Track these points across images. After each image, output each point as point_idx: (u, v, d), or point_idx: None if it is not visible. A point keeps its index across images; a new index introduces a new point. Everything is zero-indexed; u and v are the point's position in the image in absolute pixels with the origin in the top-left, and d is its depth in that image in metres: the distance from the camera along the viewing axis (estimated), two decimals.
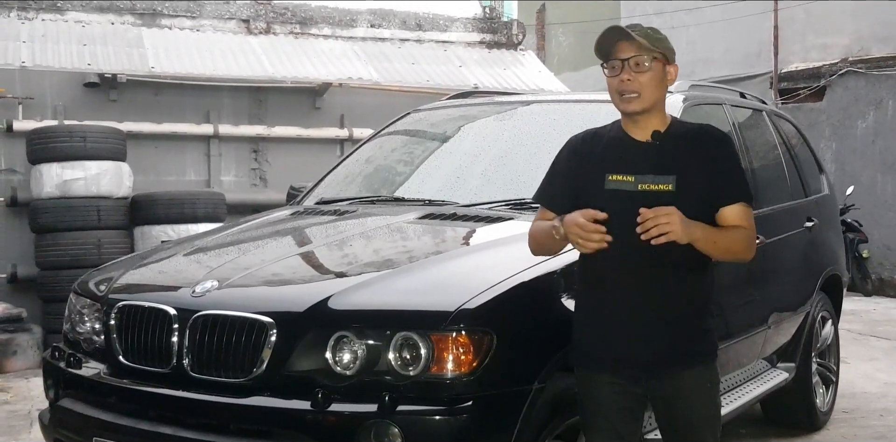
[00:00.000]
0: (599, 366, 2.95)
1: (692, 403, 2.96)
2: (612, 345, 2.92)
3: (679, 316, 2.90)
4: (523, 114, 4.89)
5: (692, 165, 2.88)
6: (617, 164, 2.88)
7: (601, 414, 2.97)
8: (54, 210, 7.86)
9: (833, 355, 5.87)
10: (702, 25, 15.57)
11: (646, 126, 2.92)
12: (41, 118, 8.78)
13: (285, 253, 3.80)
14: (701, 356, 2.97)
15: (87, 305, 3.74)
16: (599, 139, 3.00)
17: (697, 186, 2.86)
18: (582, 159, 2.97)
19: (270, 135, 9.67)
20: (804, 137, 6.06)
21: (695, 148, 2.92)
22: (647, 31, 2.89)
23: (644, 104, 2.87)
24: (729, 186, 2.92)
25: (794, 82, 14.18)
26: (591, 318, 2.97)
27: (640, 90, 2.85)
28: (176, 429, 3.15)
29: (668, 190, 2.83)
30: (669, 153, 2.89)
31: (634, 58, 2.85)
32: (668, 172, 2.85)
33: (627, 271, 2.87)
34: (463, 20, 11.33)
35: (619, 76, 2.86)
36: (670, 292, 2.89)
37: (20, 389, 6.74)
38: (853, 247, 11.91)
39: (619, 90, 2.87)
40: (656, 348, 2.89)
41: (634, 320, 2.88)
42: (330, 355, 3.01)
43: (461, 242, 3.79)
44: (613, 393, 2.94)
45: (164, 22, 10.04)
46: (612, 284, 2.91)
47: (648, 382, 2.93)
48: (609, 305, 2.92)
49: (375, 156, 5.01)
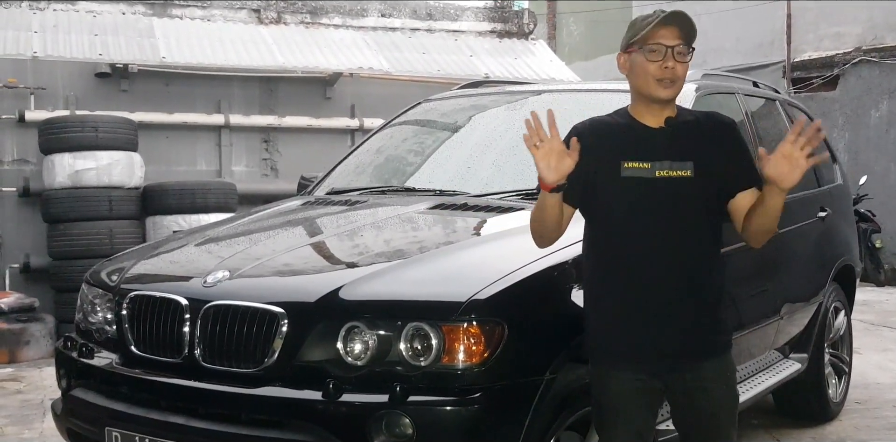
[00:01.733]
0: (619, 362, 2.91)
1: (714, 394, 2.94)
2: (633, 339, 2.88)
3: (698, 304, 2.88)
4: (534, 103, 4.86)
5: (706, 152, 2.87)
6: (631, 151, 2.84)
7: (619, 411, 2.92)
8: (66, 200, 7.89)
9: (846, 346, 5.84)
10: (714, 14, 15.49)
11: (660, 113, 2.90)
12: (53, 108, 8.80)
13: (296, 243, 3.79)
14: (721, 345, 2.96)
15: (99, 295, 3.74)
16: (608, 127, 2.95)
17: (713, 172, 2.85)
18: (591, 147, 2.87)
19: (281, 125, 9.67)
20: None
21: (706, 134, 2.91)
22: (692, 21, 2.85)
23: (676, 92, 2.86)
24: (743, 172, 2.91)
25: (807, 71, 14.12)
26: (608, 311, 2.93)
27: (678, 78, 2.84)
28: (187, 419, 3.16)
29: (686, 176, 2.82)
30: (683, 139, 2.88)
31: (680, 46, 2.82)
32: (684, 158, 2.83)
33: (645, 260, 2.84)
34: (474, 9, 11.30)
35: (663, 62, 2.81)
36: (689, 280, 2.86)
37: (33, 379, 6.78)
38: (866, 237, 11.86)
39: (658, 76, 2.82)
40: (678, 339, 2.86)
41: (655, 311, 2.85)
42: (341, 346, 3.01)
43: (472, 233, 3.78)
44: (633, 389, 2.90)
45: (175, 12, 10.03)
46: (630, 275, 2.87)
47: (669, 376, 2.91)
48: (628, 296, 2.88)
49: (386, 146, 5.00)
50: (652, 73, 2.82)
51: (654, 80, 2.83)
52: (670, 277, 2.85)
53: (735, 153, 2.92)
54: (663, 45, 2.81)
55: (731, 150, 2.92)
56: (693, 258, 2.86)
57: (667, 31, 2.81)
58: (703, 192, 2.80)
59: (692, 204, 2.84)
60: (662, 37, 2.81)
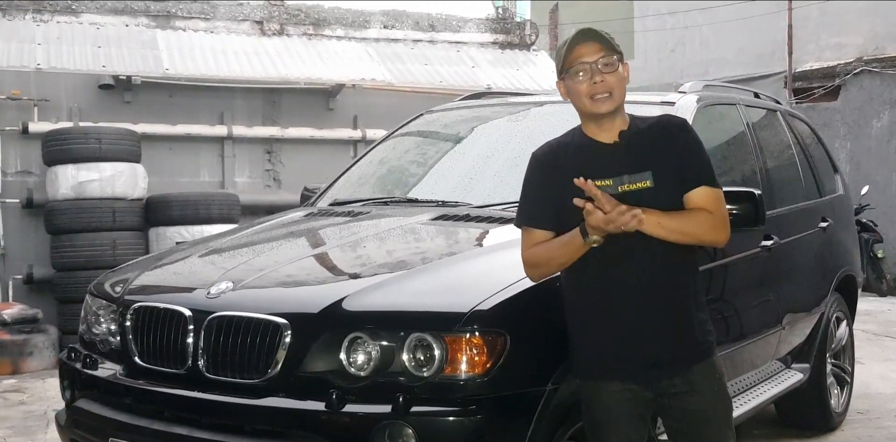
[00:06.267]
0: (608, 374, 2.94)
1: (705, 397, 2.96)
2: (620, 350, 2.90)
3: (680, 309, 2.91)
4: (536, 114, 4.88)
5: (662, 157, 2.89)
6: (591, 171, 2.82)
7: (612, 423, 2.95)
8: (70, 211, 7.91)
9: (848, 356, 5.84)
10: (715, 25, 15.54)
11: (610, 128, 2.92)
12: (56, 120, 8.83)
13: (299, 254, 3.81)
14: (706, 347, 2.98)
15: (102, 306, 3.76)
16: (565, 149, 2.98)
17: (671, 177, 2.86)
18: (553, 171, 2.93)
19: (284, 136, 9.69)
20: (818, 137, 6.04)
21: (659, 140, 2.92)
22: (603, 32, 2.89)
23: (616, 103, 2.87)
24: (691, 171, 2.90)
25: (809, 82, 14.15)
26: (592, 326, 2.95)
27: (612, 89, 2.85)
28: (191, 429, 3.17)
29: (647, 186, 2.83)
30: (638, 150, 2.89)
31: (602, 58, 2.85)
32: (642, 169, 2.84)
33: (623, 273, 2.87)
34: (476, 21, 11.34)
35: (591, 79, 2.84)
36: (668, 287, 2.89)
37: (36, 390, 6.78)
38: (868, 247, 11.86)
39: (590, 93, 2.85)
40: (661, 347, 2.88)
41: (639, 321, 2.87)
42: (344, 356, 3.02)
43: (475, 243, 3.79)
44: (624, 400, 2.93)
45: (179, 24, 10.08)
46: (610, 289, 2.89)
47: (660, 383, 2.92)
48: (610, 310, 2.90)
49: (389, 157, 5.02)
50: (585, 92, 2.86)
51: (588, 99, 2.86)
52: (645, 286, 2.87)
53: (685, 154, 2.92)
54: (586, 63, 2.85)
55: (682, 151, 2.92)
56: (666, 265, 2.88)
57: (585, 49, 2.86)
58: (666, 198, 2.83)
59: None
60: (582, 55, 2.86)
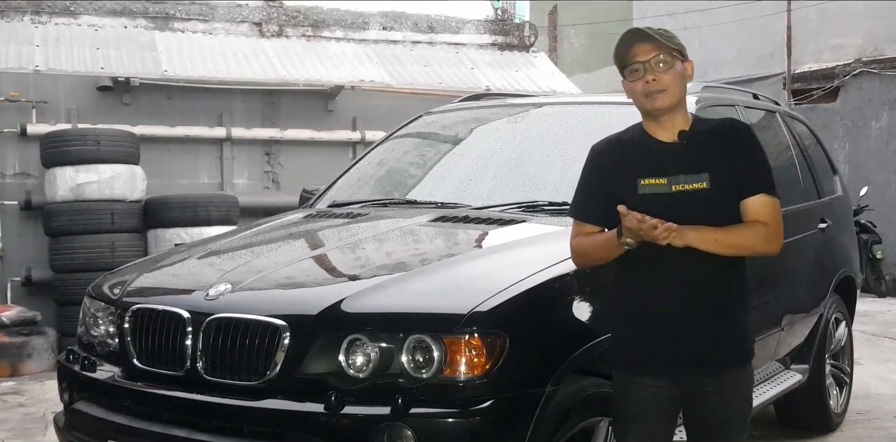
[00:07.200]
0: (640, 368, 2.95)
1: (729, 401, 2.97)
2: (656, 346, 2.91)
3: (723, 312, 2.91)
4: (536, 116, 4.88)
5: (720, 161, 2.89)
6: (647, 168, 2.86)
7: (638, 417, 2.96)
8: (68, 213, 7.90)
9: (847, 357, 5.85)
10: (714, 26, 15.55)
11: (671, 126, 2.92)
12: (55, 122, 8.82)
13: (298, 256, 3.80)
14: (743, 354, 2.98)
15: (101, 308, 3.75)
16: (624, 145, 3.00)
17: (728, 181, 2.87)
18: (609, 167, 2.97)
19: (283, 138, 9.69)
20: (817, 138, 6.04)
21: (720, 143, 2.92)
22: (659, 31, 2.90)
23: (671, 99, 2.88)
24: (750, 177, 2.91)
25: (808, 83, 14.16)
26: (632, 320, 2.96)
27: (666, 87, 2.86)
28: (190, 432, 3.16)
29: (703, 187, 2.84)
30: (697, 151, 2.89)
31: (655, 57, 2.86)
32: (699, 171, 2.85)
33: (668, 272, 2.87)
34: (475, 22, 11.35)
35: (644, 78, 2.86)
36: (713, 288, 2.89)
37: (35, 392, 6.78)
38: (867, 248, 11.87)
39: (644, 91, 2.87)
40: (702, 346, 2.88)
41: (679, 319, 2.88)
42: (343, 358, 3.01)
43: (474, 245, 3.79)
44: (652, 396, 2.94)
45: (177, 25, 10.08)
46: (654, 285, 2.91)
47: (690, 383, 2.93)
48: (652, 306, 2.91)
49: (388, 158, 5.01)
50: (639, 91, 2.89)
51: (643, 97, 2.89)
52: (690, 285, 2.88)
53: (746, 160, 2.92)
54: (639, 62, 2.87)
55: (742, 157, 2.92)
56: (714, 269, 2.88)
57: (640, 48, 2.87)
58: (720, 202, 2.84)
59: (711, 215, 2.85)
60: (637, 54, 2.88)
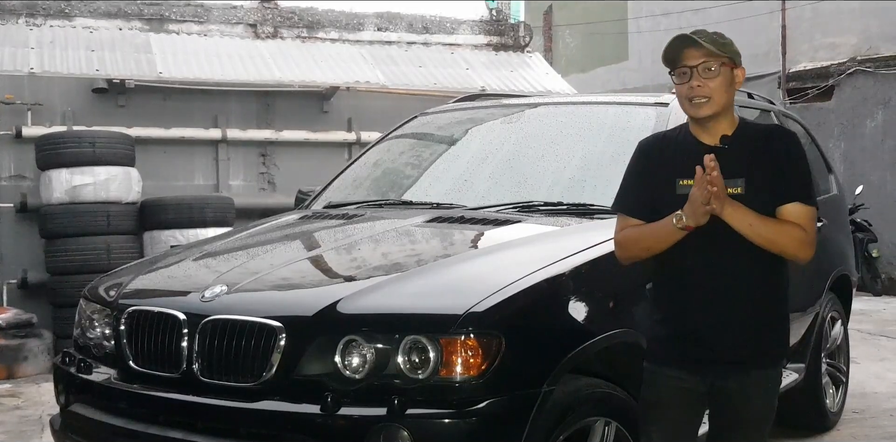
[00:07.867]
0: (666, 360, 2.98)
1: (754, 402, 2.97)
2: (686, 340, 2.93)
3: (758, 314, 2.92)
4: (531, 116, 4.89)
5: (760, 167, 2.89)
6: (686, 169, 2.85)
7: (660, 408, 3.00)
8: (64, 216, 7.89)
9: (843, 356, 5.85)
10: (709, 26, 15.54)
11: (715, 131, 2.93)
12: (50, 124, 8.81)
13: (294, 257, 3.80)
14: (773, 357, 3.00)
15: (97, 310, 3.75)
16: (668, 143, 3.03)
17: (765, 188, 2.87)
18: (652, 164, 3.00)
19: (278, 139, 9.69)
20: (812, 137, 6.05)
21: (761, 148, 2.93)
22: (712, 37, 2.89)
23: (714, 108, 2.88)
24: (786, 185, 2.90)
25: (803, 82, 14.17)
26: (668, 313, 2.99)
27: (711, 95, 2.86)
28: (186, 433, 3.16)
29: (737, 193, 2.84)
30: (737, 156, 2.89)
31: (703, 64, 2.86)
32: (736, 175, 2.85)
33: (704, 273, 2.89)
34: (470, 23, 11.35)
35: (689, 83, 2.87)
36: (751, 289, 2.90)
37: (31, 395, 6.76)
38: (863, 247, 11.89)
39: (688, 96, 2.88)
40: (731, 346, 2.90)
41: (713, 317, 2.89)
42: (339, 359, 3.01)
43: (469, 245, 3.79)
44: (675, 388, 2.97)
45: (172, 27, 10.08)
46: (692, 281, 2.92)
47: (716, 380, 2.94)
48: (688, 301, 2.93)
49: (383, 159, 5.02)
50: (684, 95, 2.90)
51: (687, 101, 2.90)
52: (728, 289, 2.89)
53: (785, 168, 2.91)
54: (686, 67, 2.88)
55: (782, 165, 2.91)
56: (751, 273, 2.89)
57: (689, 52, 2.88)
58: (755, 208, 2.82)
59: None
60: (686, 58, 2.88)
